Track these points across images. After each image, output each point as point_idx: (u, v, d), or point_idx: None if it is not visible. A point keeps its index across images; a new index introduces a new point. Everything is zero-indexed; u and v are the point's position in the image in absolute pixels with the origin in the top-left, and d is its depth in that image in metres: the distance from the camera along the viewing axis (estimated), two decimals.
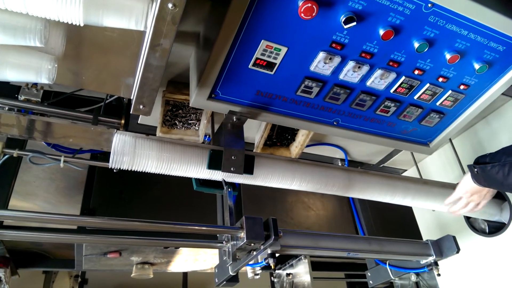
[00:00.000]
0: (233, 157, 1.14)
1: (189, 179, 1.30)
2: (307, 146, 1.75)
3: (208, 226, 1.05)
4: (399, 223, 2.55)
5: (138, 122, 1.56)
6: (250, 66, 1.10)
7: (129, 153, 0.99)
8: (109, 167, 1.00)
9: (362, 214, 1.84)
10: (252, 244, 1.05)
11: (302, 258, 3.00)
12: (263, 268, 2.72)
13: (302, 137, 1.59)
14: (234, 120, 1.20)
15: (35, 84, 1.50)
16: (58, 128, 1.07)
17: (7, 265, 2.54)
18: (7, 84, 1.34)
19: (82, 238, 1.30)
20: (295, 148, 1.64)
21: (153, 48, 0.85)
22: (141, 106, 1.00)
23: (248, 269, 2.38)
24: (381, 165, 2.10)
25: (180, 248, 2.80)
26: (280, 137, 1.64)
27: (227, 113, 1.17)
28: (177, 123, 1.50)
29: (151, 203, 2.67)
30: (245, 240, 1.02)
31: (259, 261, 1.32)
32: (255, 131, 1.65)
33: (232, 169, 1.14)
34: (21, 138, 1.16)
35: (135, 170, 1.03)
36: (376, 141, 1.42)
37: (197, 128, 1.54)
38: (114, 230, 1.16)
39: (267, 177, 1.20)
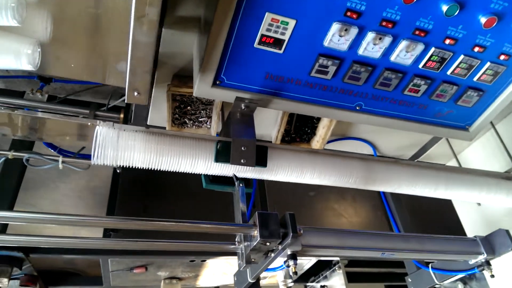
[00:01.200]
0: (243, 148, 1.03)
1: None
2: (329, 141, 1.61)
3: (216, 223, 0.93)
4: (440, 223, 2.32)
5: (148, 123, 1.48)
6: (255, 45, 0.99)
7: (112, 146, 0.90)
8: (92, 163, 0.91)
9: (397, 214, 1.67)
10: (268, 244, 0.92)
11: (336, 268, 2.83)
12: (296, 281, 2.56)
13: (323, 130, 1.45)
14: (243, 107, 1.08)
15: (40, 89, 1.45)
16: (52, 125, 0.99)
17: (35, 284, 2.51)
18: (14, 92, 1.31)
19: (98, 243, 1.23)
20: (316, 143, 1.50)
21: (139, 20, 0.75)
22: (135, 93, 0.91)
23: (280, 282, 2.24)
24: (415, 160, 1.91)
25: (207, 261, 2.70)
26: (299, 132, 1.51)
27: (234, 100, 1.06)
28: (187, 121, 1.41)
29: (176, 218, 2.57)
30: (259, 239, 0.89)
31: (280, 265, 1.18)
32: (271, 127, 1.53)
33: (242, 161, 1.02)
34: (15, 138, 1.09)
35: (122, 165, 0.93)
36: (406, 127, 1.27)
37: (209, 126, 1.44)
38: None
39: (282, 170, 1.07)
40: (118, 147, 0.89)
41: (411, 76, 1.12)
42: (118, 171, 0.97)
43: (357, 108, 1.19)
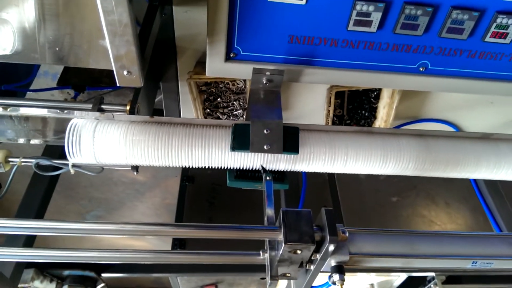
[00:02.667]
0: (265, 131, 0.81)
1: None
2: (397, 126, 1.31)
3: (230, 227, 0.72)
4: None
5: None
6: None
7: (87, 141, 0.75)
8: (70, 163, 0.78)
9: (497, 210, 1.29)
10: (299, 252, 0.68)
11: (432, 286, 2.44)
12: None
13: (383, 111, 1.17)
14: (265, 82, 0.87)
15: (73, 98, 1.41)
16: (53, 123, 0.89)
17: None
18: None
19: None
20: None
21: None
22: (125, 72, 0.75)
23: None
24: None
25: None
26: (354, 116, 1.24)
27: (252, 72, 0.85)
28: (220, 115, 1.23)
29: None
30: (284, 245, 0.66)
31: (325, 281, 0.92)
32: (322, 115, 1.28)
33: (265, 147, 0.80)
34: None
35: (104, 163, 0.78)
36: (492, 89, 0.94)
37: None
38: None
39: (318, 156, 0.83)
40: (94, 141, 0.75)
41: (493, 14, 0.81)
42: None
43: (421, 69, 0.91)
